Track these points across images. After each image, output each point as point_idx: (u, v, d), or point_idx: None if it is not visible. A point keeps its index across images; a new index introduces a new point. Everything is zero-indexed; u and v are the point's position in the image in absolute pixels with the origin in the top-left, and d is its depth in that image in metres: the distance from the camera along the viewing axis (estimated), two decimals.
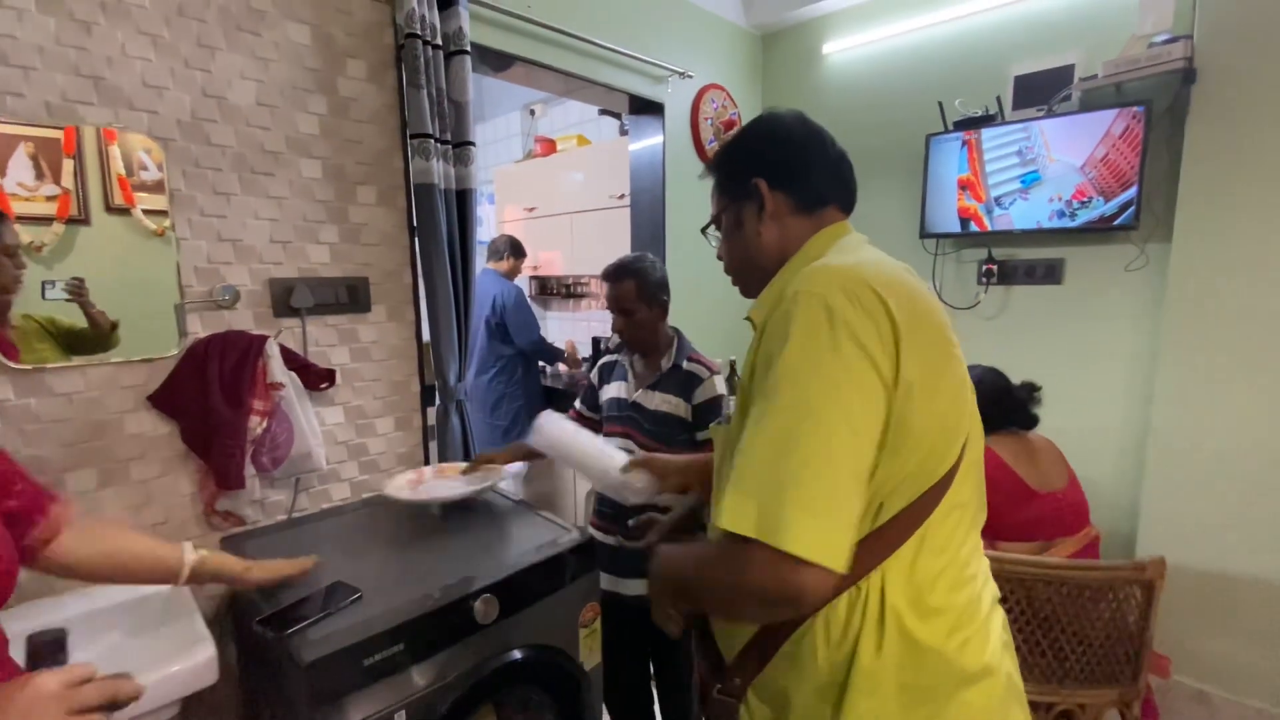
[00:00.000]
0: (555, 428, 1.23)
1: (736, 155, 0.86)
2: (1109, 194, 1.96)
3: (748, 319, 0.80)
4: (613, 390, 1.65)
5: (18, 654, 0.75)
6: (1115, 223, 1.95)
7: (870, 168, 2.56)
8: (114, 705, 0.63)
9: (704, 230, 0.96)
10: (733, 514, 0.62)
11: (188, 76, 1.33)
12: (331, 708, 0.99)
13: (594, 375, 1.73)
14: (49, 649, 0.67)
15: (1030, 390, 1.65)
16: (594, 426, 1.61)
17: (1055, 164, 2.03)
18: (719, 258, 0.94)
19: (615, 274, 1.56)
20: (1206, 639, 1.87)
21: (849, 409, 0.62)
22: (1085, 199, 2.00)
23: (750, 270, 0.87)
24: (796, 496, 0.59)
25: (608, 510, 1.62)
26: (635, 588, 1.57)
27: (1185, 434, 1.87)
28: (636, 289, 1.53)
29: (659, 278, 1.58)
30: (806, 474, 0.60)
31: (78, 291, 1.24)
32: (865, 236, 0.84)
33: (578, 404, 1.73)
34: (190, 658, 1.07)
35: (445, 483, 1.50)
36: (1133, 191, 1.91)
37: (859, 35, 2.50)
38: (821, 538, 0.59)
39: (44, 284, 1.21)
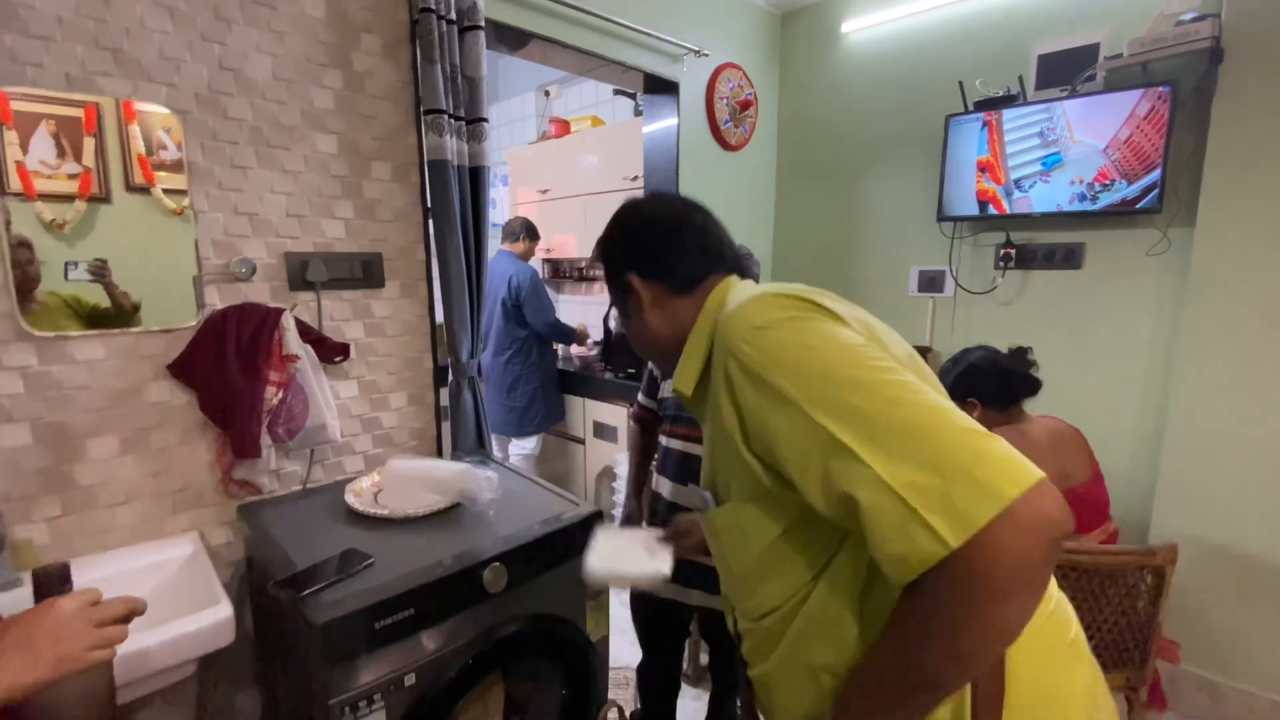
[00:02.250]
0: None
1: (610, 250, 0.87)
2: (1132, 176, 1.92)
3: (675, 392, 0.80)
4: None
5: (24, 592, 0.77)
6: (1138, 206, 1.92)
7: (887, 150, 2.53)
8: (131, 616, 0.69)
9: (605, 317, 1.00)
10: (956, 513, 0.50)
11: (205, 49, 1.34)
12: (344, 669, 1.02)
13: (654, 367, 1.59)
14: (55, 580, 0.71)
15: (1024, 357, 1.61)
16: (654, 419, 1.57)
17: (1078, 145, 1.99)
18: (628, 339, 0.95)
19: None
20: (1217, 627, 1.85)
21: (885, 365, 0.59)
22: (1107, 181, 1.96)
23: (656, 352, 0.87)
24: (964, 437, 0.52)
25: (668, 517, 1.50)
26: (698, 598, 1.47)
27: (1203, 421, 1.84)
28: None
29: None
30: (942, 418, 0.54)
31: (101, 272, 1.26)
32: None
33: (640, 396, 1.62)
34: (207, 618, 1.10)
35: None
36: (1156, 174, 1.87)
37: (879, 13, 2.46)
38: (1006, 448, 0.52)
39: (67, 265, 1.23)
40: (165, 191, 1.32)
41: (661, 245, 0.82)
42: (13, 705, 0.66)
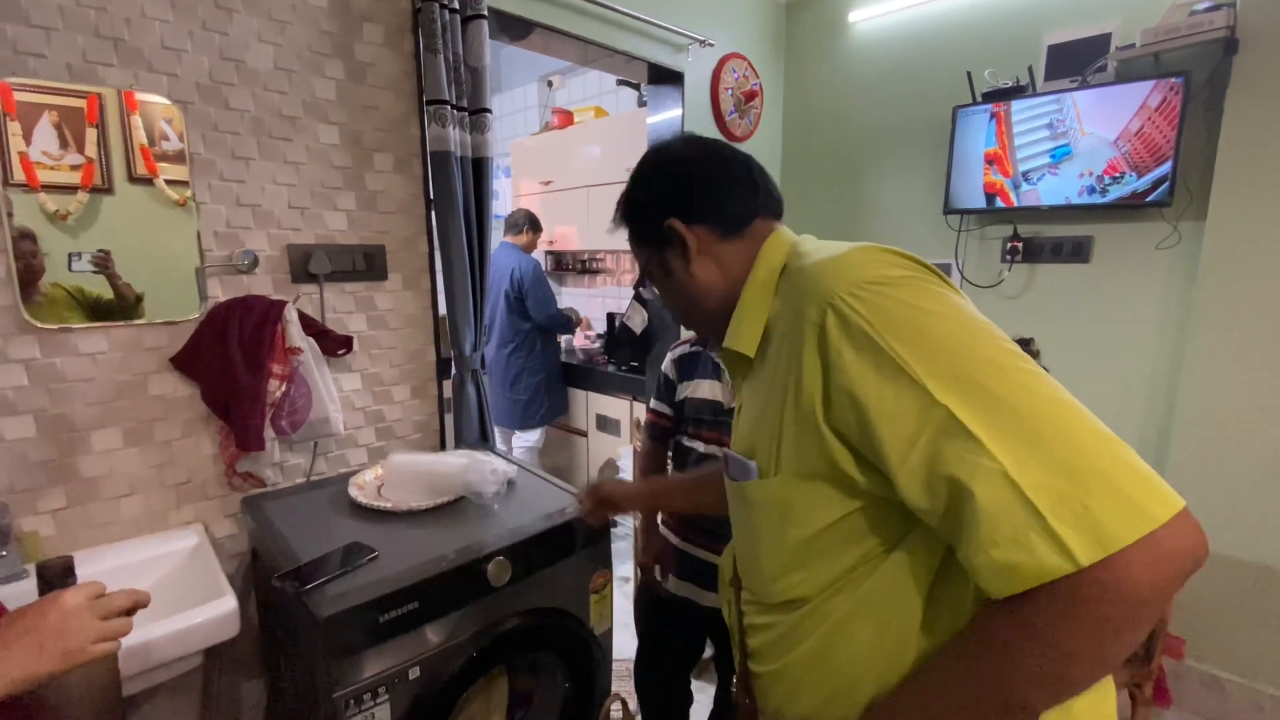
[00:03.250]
0: None
1: (643, 199, 0.78)
2: (1142, 169, 1.89)
3: (728, 351, 0.71)
4: (704, 390, 1.34)
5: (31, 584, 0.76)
6: (1148, 199, 1.89)
7: (893, 142, 2.51)
8: (135, 608, 0.69)
9: (637, 287, 0.88)
10: (1096, 529, 0.44)
11: (205, 39, 1.33)
12: (348, 662, 1.02)
13: (669, 370, 1.42)
14: (59, 574, 0.71)
15: (1028, 348, 1.60)
16: (673, 428, 1.42)
17: (1087, 137, 1.97)
18: (664, 309, 0.87)
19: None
20: (1223, 625, 1.85)
21: (1013, 346, 0.52)
22: (1117, 174, 1.94)
23: (698, 313, 0.78)
24: (1107, 447, 0.46)
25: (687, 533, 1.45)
26: (713, 600, 1.38)
27: (1211, 417, 1.83)
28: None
29: None
30: (1088, 424, 0.48)
31: (104, 264, 1.26)
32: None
33: (654, 402, 1.45)
34: (212, 610, 1.10)
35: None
36: (1167, 167, 1.85)
37: (887, 3, 2.43)
38: (1148, 469, 0.46)
39: (70, 256, 1.23)
40: (168, 183, 1.31)
41: (706, 181, 0.73)
42: (17, 697, 0.66)
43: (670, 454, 1.46)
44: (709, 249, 0.73)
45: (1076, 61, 2.02)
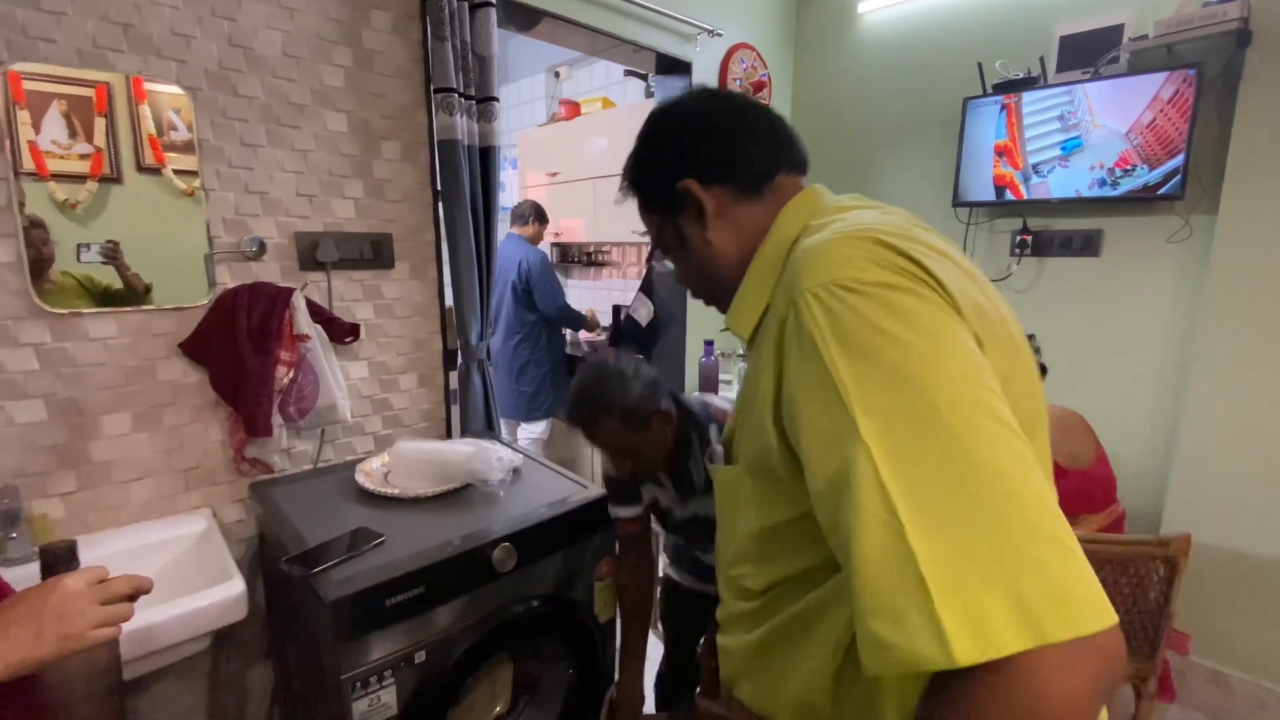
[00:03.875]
0: None
1: (651, 164, 0.71)
2: (1154, 162, 1.88)
3: (731, 331, 0.67)
4: (660, 496, 1.24)
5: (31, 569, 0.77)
6: (1159, 192, 1.88)
7: (903, 133, 2.49)
8: (136, 594, 0.69)
9: (649, 258, 0.83)
10: (982, 627, 0.38)
11: (214, 25, 1.33)
12: (355, 645, 1.03)
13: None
14: (62, 557, 0.71)
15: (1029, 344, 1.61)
16: (646, 528, 1.32)
17: (1099, 130, 1.95)
18: (677, 281, 0.79)
19: (585, 419, 1.10)
20: (1228, 620, 1.84)
21: (976, 387, 0.44)
22: (1129, 167, 1.92)
23: (716, 284, 0.70)
24: (1039, 540, 0.40)
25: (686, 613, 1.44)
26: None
27: (1220, 413, 1.82)
28: (622, 425, 1.08)
29: (640, 387, 1.08)
30: (1024, 500, 0.41)
31: (113, 254, 1.26)
32: (854, 197, 0.67)
33: (617, 509, 1.28)
34: (221, 593, 1.11)
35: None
36: (1179, 159, 1.83)
37: None
38: (1092, 579, 0.40)
39: (79, 246, 1.23)
40: (176, 172, 1.32)
41: (721, 134, 0.66)
42: (17, 680, 0.66)
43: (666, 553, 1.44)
44: (727, 211, 0.66)
45: (1088, 53, 2.00)
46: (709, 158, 0.66)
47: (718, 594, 0.73)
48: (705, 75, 2.41)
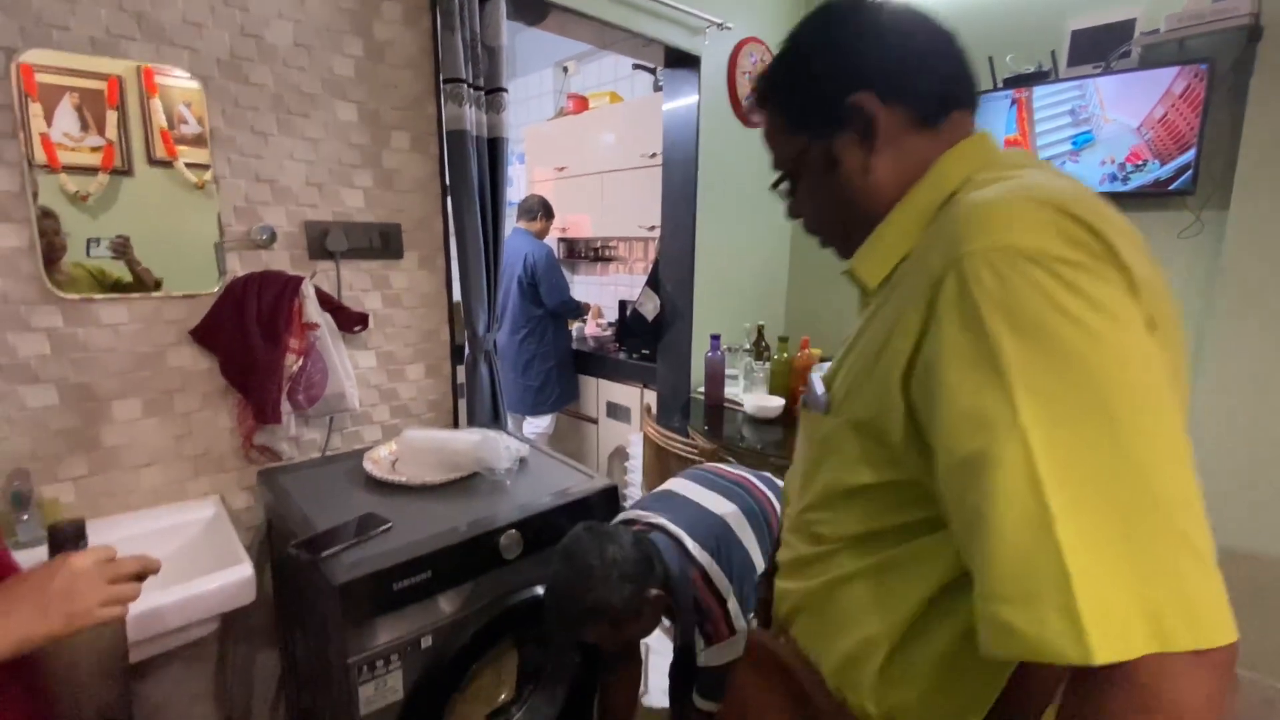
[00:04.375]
0: None
1: (814, 69, 0.60)
2: (1165, 157, 1.86)
3: (849, 275, 0.61)
4: None
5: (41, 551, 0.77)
6: (1171, 187, 1.86)
7: None
8: (143, 574, 0.70)
9: (774, 186, 0.69)
10: (1117, 628, 0.38)
11: (227, 14, 1.34)
12: (362, 629, 1.03)
13: None
14: (70, 536, 0.72)
15: None
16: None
17: (1110, 124, 1.94)
18: (792, 216, 0.69)
19: (570, 625, 1.03)
20: (1238, 619, 1.82)
21: (1153, 383, 0.42)
22: (1140, 162, 1.91)
23: (852, 222, 0.61)
24: (1182, 551, 0.40)
25: None
26: None
27: (1232, 409, 1.80)
28: (612, 627, 1.03)
29: (629, 588, 1.00)
30: (1174, 508, 0.40)
31: (122, 249, 1.27)
32: (1023, 153, 0.60)
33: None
34: (229, 576, 1.12)
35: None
36: (1191, 154, 1.82)
37: None
38: (1224, 597, 0.40)
39: (89, 241, 1.24)
40: (187, 165, 1.32)
41: (911, 47, 0.58)
42: (22, 659, 0.67)
43: None
44: (896, 138, 0.58)
45: (1100, 47, 1.99)
46: (891, 71, 0.57)
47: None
48: (714, 69, 2.40)
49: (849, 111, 0.58)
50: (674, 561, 1.08)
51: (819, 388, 0.63)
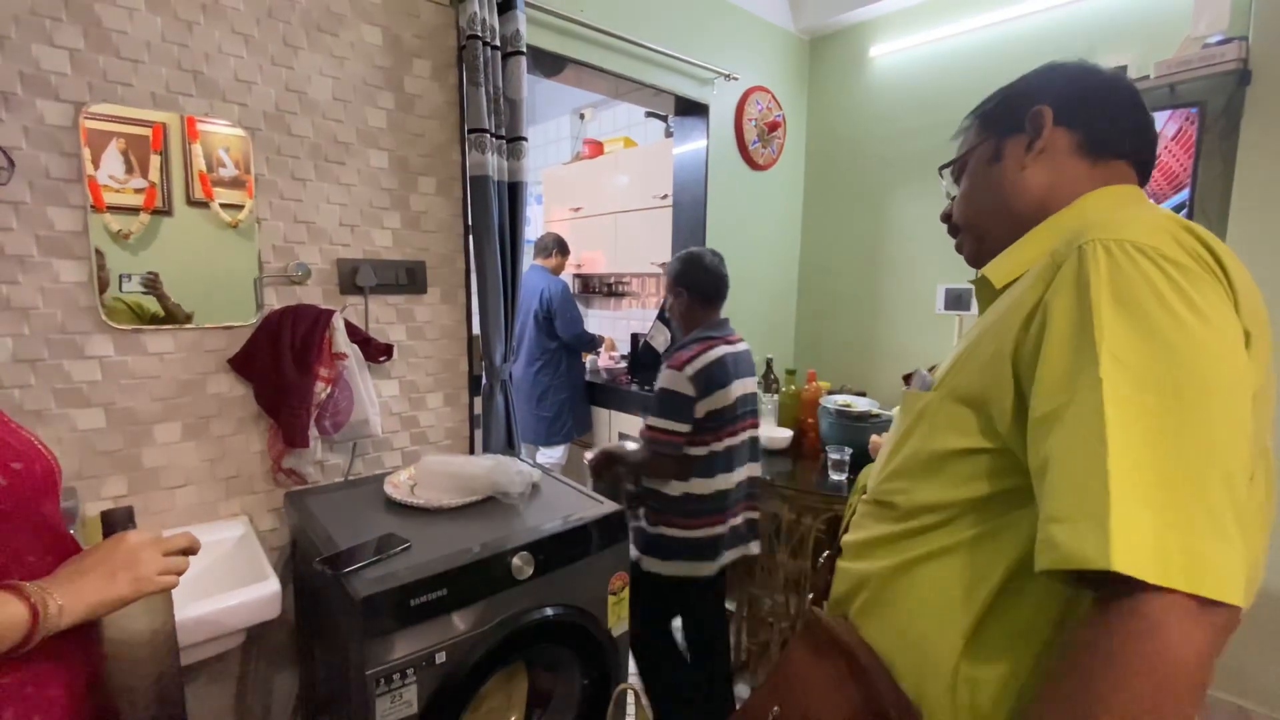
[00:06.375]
0: None
1: (1019, 87, 0.73)
2: (1160, 196, 1.93)
3: (979, 280, 0.69)
4: (739, 389, 1.73)
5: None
6: None
7: (914, 169, 2.57)
8: (189, 549, 0.79)
9: (942, 169, 0.83)
10: (1138, 545, 0.43)
11: (274, 72, 1.47)
12: (381, 642, 1.08)
13: (687, 386, 1.65)
14: (122, 519, 0.82)
15: None
16: (683, 443, 1.69)
17: None
18: (945, 217, 0.81)
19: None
20: (1251, 656, 1.80)
21: (1231, 383, 0.47)
22: None
23: (993, 218, 0.71)
24: (1207, 515, 0.44)
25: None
26: (672, 569, 1.70)
27: None
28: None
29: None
30: (1211, 483, 0.45)
31: (153, 285, 1.37)
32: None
33: (668, 423, 1.68)
34: (258, 591, 1.18)
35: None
36: (1185, 194, 1.88)
37: (906, 39, 2.52)
38: (1236, 566, 0.44)
39: (120, 276, 1.32)
40: (222, 206, 1.42)
41: (1099, 90, 0.67)
42: (89, 639, 0.74)
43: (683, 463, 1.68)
44: (1056, 155, 0.67)
45: None
46: (1075, 100, 0.67)
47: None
48: (722, 116, 2.53)
49: (1025, 116, 0.69)
50: None
51: (927, 374, 0.70)
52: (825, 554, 0.79)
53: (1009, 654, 0.56)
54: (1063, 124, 0.67)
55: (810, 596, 0.84)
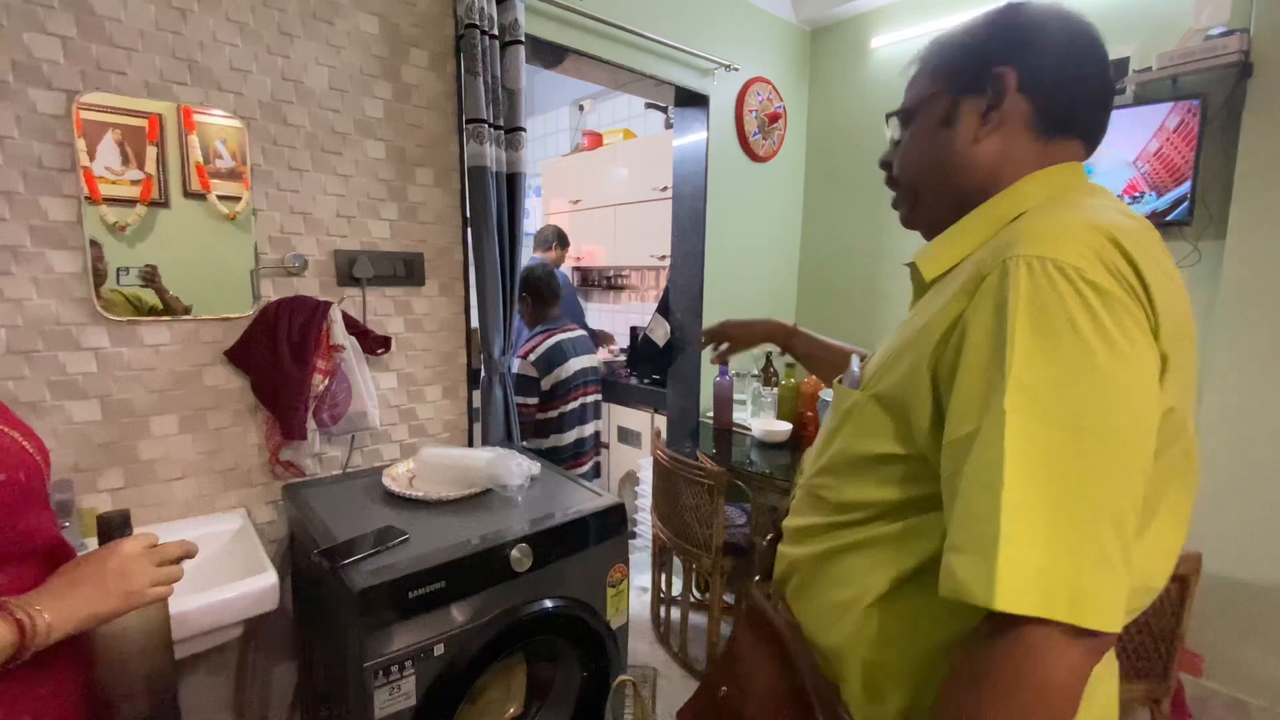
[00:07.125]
0: None
1: (981, 37, 0.64)
2: (1162, 189, 1.92)
3: (911, 266, 0.67)
4: (577, 364, 2.29)
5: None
6: (1168, 219, 1.91)
7: None
8: (184, 557, 0.78)
9: (889, 116, 0.74)
10: (1017, 580, 0.45)
11: (269, 61, 1.45)
12: (379, 635, 1.08)
13: (529, 370, 2.17)
14: (118, 524, 0.80)
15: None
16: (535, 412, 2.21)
17: (1106, 158, 2.00)
18: (883, 163, 0.76)
19: None
20: (1246, 647, 1.81)
21: (1132, 420, 0.48)
22: (1137, 194, 1.96)
23: (936, 184, 0.67)
24: (1093, 548, 0.46)
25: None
26: None
27: (1232, 437, 1.82)
28: None
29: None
30: (1101, 521, 0.46)
31: (150, 278, 1.36)
32: (1104, 190, 0.62)
33: (524, 400, 2.12)
34: (256, 583, 1.18)
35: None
36: (1186, 186, 1.87)
37: (907, 30, 2.50)
38: (1118, 598, 0.46)
39: (118, 270, 1.31)
40: (219, 198, 1.41)
41: (1068, 60, 0.61)
42: (80, 647, 0.73)
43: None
44: (1010, 126, 0.62)
45: None
46: (1040, 69, 0.61)
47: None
48: (722, 107, 2.51)
49: (989, 78, 0.62)
50: None
51: (857, 369, 0.70)
52: (769, 536, 0.84)
53: (912, 640, 0.59)
54: (1025, 91, 0.61)
55: (756, 579, 0.88)
